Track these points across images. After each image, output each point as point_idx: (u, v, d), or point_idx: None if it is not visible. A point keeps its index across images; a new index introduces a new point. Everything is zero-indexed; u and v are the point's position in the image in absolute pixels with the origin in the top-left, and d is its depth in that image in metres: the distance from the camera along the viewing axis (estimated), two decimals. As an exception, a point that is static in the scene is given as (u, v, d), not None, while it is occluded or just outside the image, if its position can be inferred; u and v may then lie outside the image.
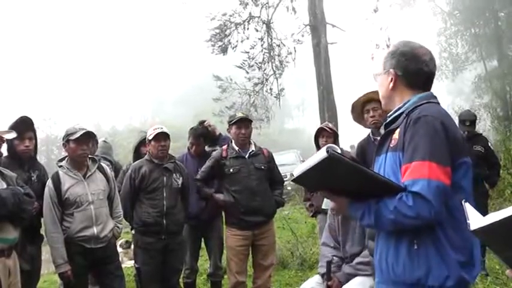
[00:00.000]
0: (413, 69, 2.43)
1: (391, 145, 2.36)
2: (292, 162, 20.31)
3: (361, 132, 5.89)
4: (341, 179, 2.22)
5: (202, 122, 6.35)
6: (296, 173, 2.21)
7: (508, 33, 29.16)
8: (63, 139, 4.77)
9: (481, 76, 31.76)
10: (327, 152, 2.03)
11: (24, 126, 4.74)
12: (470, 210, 1.72)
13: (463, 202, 1.82)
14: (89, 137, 4.80)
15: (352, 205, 2.30)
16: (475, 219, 1.63)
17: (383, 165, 2.40)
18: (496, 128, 18.44)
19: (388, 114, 2.54)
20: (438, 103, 2.43)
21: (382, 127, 2.60)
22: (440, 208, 2.10)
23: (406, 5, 34.60)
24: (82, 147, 4.69)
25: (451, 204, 2.17)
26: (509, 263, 1.81)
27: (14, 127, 4.58)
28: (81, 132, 4.64)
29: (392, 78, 2.46)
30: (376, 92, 4.98)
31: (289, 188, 17.05)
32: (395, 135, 2.34)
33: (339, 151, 2.13)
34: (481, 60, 31.02)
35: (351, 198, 2.31)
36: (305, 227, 11.44)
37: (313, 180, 2.35)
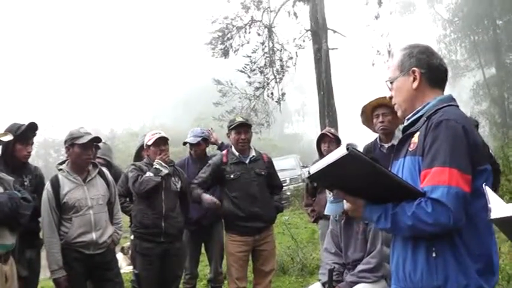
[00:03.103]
0: (436, 65, 2.41)
1: (410, 149, 2.30)
2: (292, 167, 20.29)
3: (361, 139, 5.83)
4: (359, 179, 2.16)
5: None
6: (313, 170, 2.15)
7: (506, 42, 29.48)
8: (65, 142, 4.68)
9: (479, 83, 32.10)
10: (347, 149, 1.96)
11: (32, 132, 4.76)
12: (492, 195, 1.67)
13: (483, 185, 1.77)
14: (98, 140, 4.77)
15: (368, 207, 2.24)
16: (497, 207, 1.58)
17: (401, 170, 2.33)
18: (494, 134, 18.54)
19: (407, 117, 2.47)
20: (457, 106, 2.37)
21: (400, 131, 2.52)
22: (460, 215, 2.04)
23: (407, 12, 34.71)
24: (87, 152, 4.65)
25: (470, 212, 2.11)
26: None
27: (24, 132, 4.63)
28: (89, 138, 4.59)
29: (415, 77, 2.40)
30: (387, 98, 4.98)
31: (288, 193, 17.02)
32: (415, 139, 2.28)
33: (359, 149, 2.06)
34: (479, 68, 31.31)
35: (367, 199, 2.26)
36: (305, 232, 11.46)
37: (330, 179, 2.28)
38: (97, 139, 4.73)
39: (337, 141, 5.94)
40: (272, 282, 5.89)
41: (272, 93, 17.74)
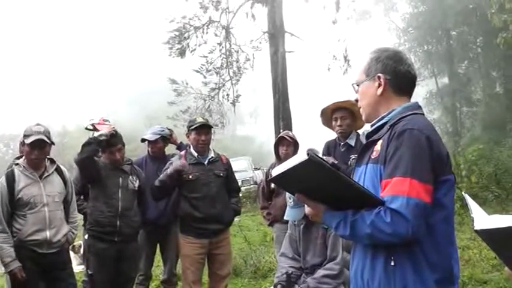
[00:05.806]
0: (403, 72, 2.35)
1: (373, 156, 2.25)
2: (244, 169, 20.35)
3: (315, 142, 5.87)
4: (319, 184, 2.12)
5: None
6: (274, 173, 2.10)
7: (459, 52, 30.15)
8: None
9: (432, 92, 32.80)
10: (308, 154, 1.93)
11: None
12: (473, 204, 1.67)
13: (463, 193, 1.77)
14: (43, 143, 4.52)
15: (328, 213, 2.21)
16: (480, 218, 1.58)
17: (362, 177, 2.30)
18: (446, 143, 18.98)
19: (371, 124, 2.44)
20: (423, 114, 2.35)
21: (364, 136, 2.48)
22: (418, 226, 2.01)
23: (362, 19, 35.11)
24: (34, 153, 4.47)
25: (431, 222, 2.09)
26: (509, 262, 1.79)
27: None
28: (33, 139, 4.41)
29: (380, 84, 2.35)
30: (346, 102, 5.06)
31: (240, 195, 17.02)
32: (377, 147, 2.24)
33: (320, 155, 2.04)
34: (432, 77, 31.95)
35: (328, 205, 2.22)
36: (257, 234, 11.46)
37: (291, 182, 2.23)
38: (42, 141, 4.49)
39: (295, 145, 5.92)
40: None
41: (228, 95, 17.74)
